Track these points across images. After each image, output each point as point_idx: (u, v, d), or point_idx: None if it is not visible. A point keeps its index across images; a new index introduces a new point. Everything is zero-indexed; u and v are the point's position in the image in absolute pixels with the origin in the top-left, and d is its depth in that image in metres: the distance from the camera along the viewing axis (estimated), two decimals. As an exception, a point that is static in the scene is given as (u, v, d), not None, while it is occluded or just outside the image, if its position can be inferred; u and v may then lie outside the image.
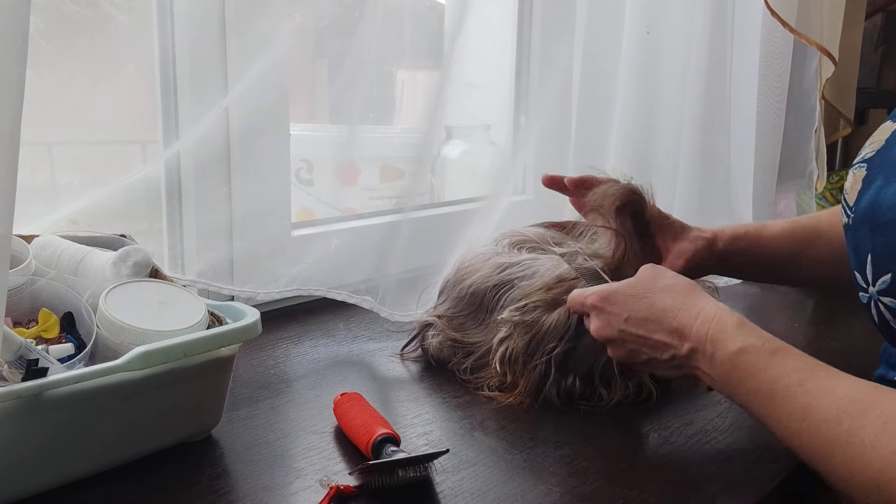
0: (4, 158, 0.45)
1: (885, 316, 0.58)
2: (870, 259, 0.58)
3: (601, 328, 0.67)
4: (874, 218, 0.57)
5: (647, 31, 1.22)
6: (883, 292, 0.57)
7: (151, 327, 0.60)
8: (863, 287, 0.60)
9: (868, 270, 0.58)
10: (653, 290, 0.64)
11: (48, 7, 0.81)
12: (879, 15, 1.73)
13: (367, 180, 1.24)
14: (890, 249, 0.55)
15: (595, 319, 0.67)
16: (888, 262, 0.56)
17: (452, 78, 1.05)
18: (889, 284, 0.56)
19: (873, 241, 0.57)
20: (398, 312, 0.98)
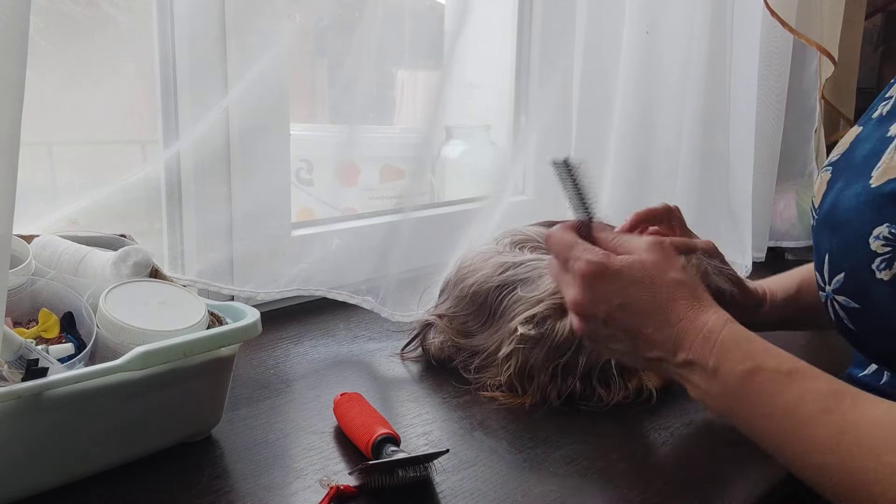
0: (4, 158, 0.45)
1: (839, 314, 0.59)
2: (827, 258, 0.58)
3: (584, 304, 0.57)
4: (833, 218, 0.57)
5: (646, 31, 1.22)
6: (837, 291, 0.58)
7: (151, 327, 0.60)
8: (821, 286, 0.60)
9: (825, 269, 0.59)
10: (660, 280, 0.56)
11: (48, 7, 0.81)
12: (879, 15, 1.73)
13: (367, 180, 1.24)
14: (844, 249, 0.56)
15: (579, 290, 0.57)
16: (842, 261, 0.56)
17: (452, 78, 1.05)
18: (842, 283, 0.57)
19: (830, 241, 0.58)
20: (399, 313, 0.98)
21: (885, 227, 0.52)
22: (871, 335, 0.57)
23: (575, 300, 0.58)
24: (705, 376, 0.53)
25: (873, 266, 0.53)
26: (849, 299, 0.57)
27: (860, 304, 0.56)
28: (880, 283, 0.53)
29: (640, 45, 1.23)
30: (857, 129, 0.64)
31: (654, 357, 0.56)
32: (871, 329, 0.57)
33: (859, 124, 0.65)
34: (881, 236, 0.53)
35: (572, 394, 0.74)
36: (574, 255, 0.58)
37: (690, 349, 0.54)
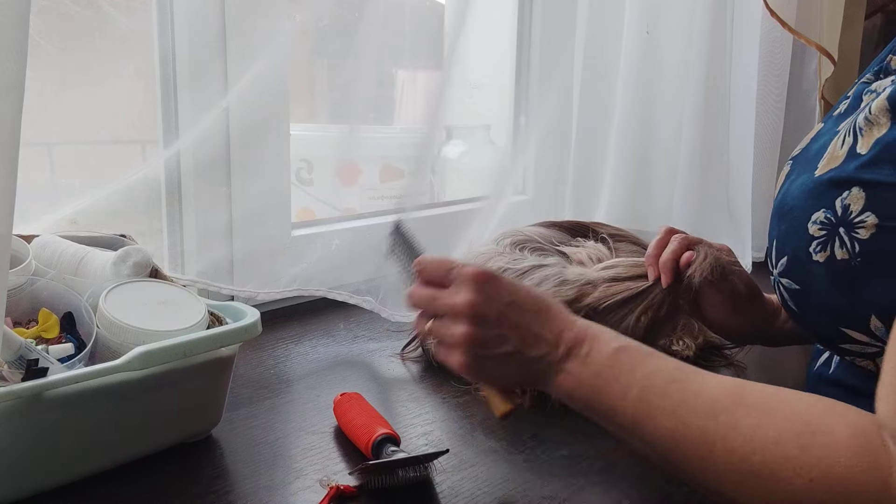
0: (4, 158, 0.45)
1: (783, 295, 0.62)
2: (774, 244, 0.62)
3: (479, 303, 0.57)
4: (782, 207, 0.62)
5: (646, 31, 1.22)
6: (781, 274, 0.61)
7: (151, 327, 0.60)
8: (770, 270, 0.64)
9: (773, 254, 0.63)
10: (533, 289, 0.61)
11: (48, 7, 0.81)
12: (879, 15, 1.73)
13: (367, 180, 1.24)
14: (788, 234, 0.59)
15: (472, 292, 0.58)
16: (786, 245, 0.60)
17: (453, 78, 1.05)
18: (785, 266, 0.60)
19: (778, 228, 0.62)
20: (399, 313, 0.98)
21: (822, 212, 0.56)
22: (810, 315, 0.61)
23: (469, 301, 0.58)
24: (579, 362, 0.56)
25: (810, 249, 0.57)
26: (791, 281, 0.60)
27: (800, 285, 0.59)
28: (816, 265, 0.57)
29: (640, 46, 1.23)
30: (819, 126, 0.68)
31: (537, 355, 0.57)
32: (810, 309, 0.60)
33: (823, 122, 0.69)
34: (818, 221, 0.57)
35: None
36: (458, 267, 0.59)
37: (570, 340, 0.56)
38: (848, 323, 0.57)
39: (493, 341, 0.58)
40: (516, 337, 0.58)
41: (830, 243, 0.56)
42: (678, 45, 1.25)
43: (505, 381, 0.61)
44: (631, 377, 0.53)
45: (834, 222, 0.55)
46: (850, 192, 0.55)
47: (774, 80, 1.36)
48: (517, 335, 0.58)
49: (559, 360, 0.56)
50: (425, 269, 0.61)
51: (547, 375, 0.57)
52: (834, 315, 0.57)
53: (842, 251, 0.55)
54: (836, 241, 0.55)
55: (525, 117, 1.33)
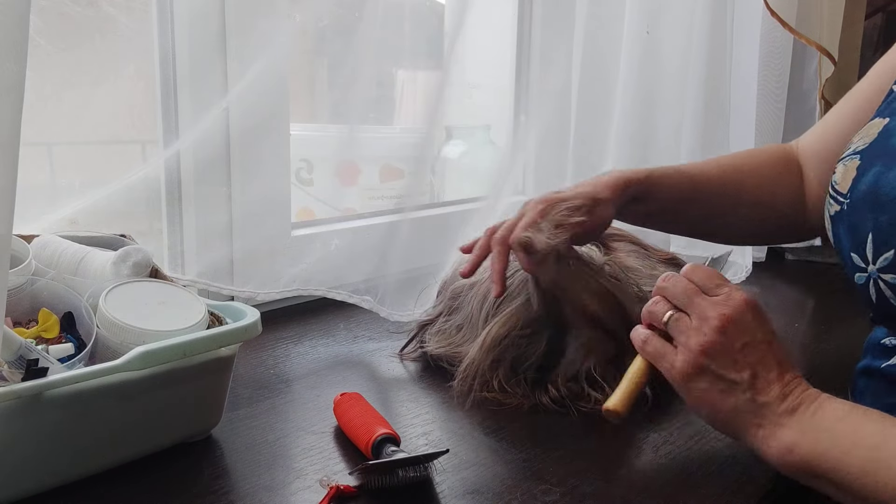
0: (4, 158, 0.45)
1: (884, 293, 0.59)
2: (870, 238, 0.59)
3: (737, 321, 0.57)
4: (876, 198, 0.58)
5: (646, 31, 1.22)
6: (884, 269, 0.58)
7: (151, 327, 0.60)
8: (860, 268, 0.61)
9: (868, 249, 0.59)
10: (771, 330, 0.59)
11: (48, 7, 0.81)
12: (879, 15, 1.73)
13: (367, 180, 1.24)
14: (893, 226, 0.56)
15: (737, 309, 0.58)
16: (891, 238, 0.56)
17: (452, 78, 1.05)
18: (891, 261, 0.57)
19: (875, 221, 0.58)
20: (397, 312, 0.98)
21: None
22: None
23: (730, 316, 0.58)
24: (805, 418, 0.54)
25: None
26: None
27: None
28: None
29: (641, 45, 1.23)
30: (882, 121, 0.65)
31: (761, 400, 0.56)
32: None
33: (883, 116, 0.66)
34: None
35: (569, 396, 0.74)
36: (731, 286, 0.60)
37: (799, 398, 0.55)
38: None
39: (727, 363, 0.57)
40: (751, 373, 0.56)
41: None
42: (678, 45, 1.25)
43: (712, 408, 0.58)
44: (864, 431, 0.52)
45: None
46: None
47: (774, 80, 1.36)
48: (752, 371, 0.56)
49: (782, 413, 0.55)
50: (695, 271, 0.61)
51: (761, 426, 0.56)
52: None
53: None
54: None
55: (525, 117, 1.32)
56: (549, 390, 0.74)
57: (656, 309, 0.62)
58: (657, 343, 0.61)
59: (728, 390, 0.57)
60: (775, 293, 1.22)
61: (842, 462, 0.51)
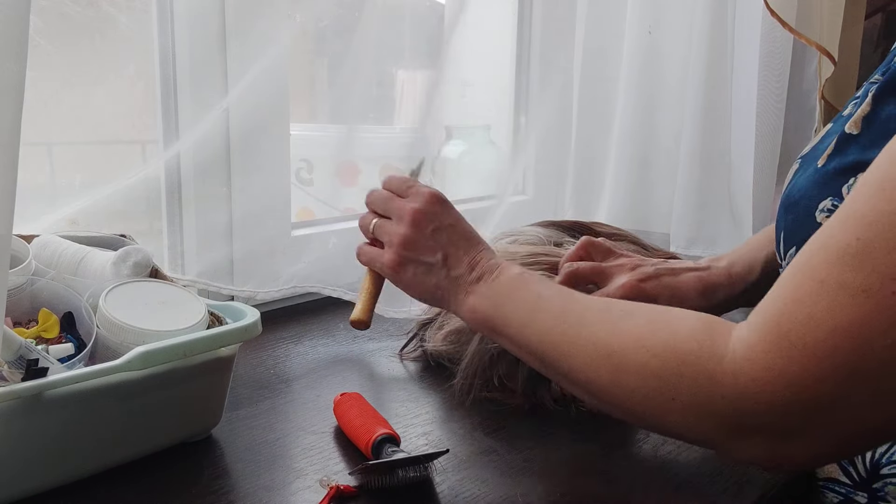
0: (4, 158, 0.45)
1: None
2: (782, 236, 0.63)
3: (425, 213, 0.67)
4: (788, 200, 0.63)
5: (648, 31, 1.22)
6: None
7: (151, 327, 0.60)
8: (780, 264, 0.64)
9: (781, 247, 0.63)
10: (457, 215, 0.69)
11: (48, 7, 0.81)
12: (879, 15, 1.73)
13: (367, 180, 1.24)
14: (796, 225, 0.60)
15: (425, 203, 0.67)
16: (794, 236, 0.61)
17: (452, 78, 1.05)
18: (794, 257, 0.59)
19: (785, 220, 0.63)
20: (395, 310, 0.99)
21: (829, 200, 0.57)
22: None
23: (417, 209, 0.67)
24: (486, 285, 0.64)
25: None
26: None
27: None
28: None
29: (641, 46, 1.23)
30: (828, 126, 0.69)
31: (454, 274, 0.66)
32: None
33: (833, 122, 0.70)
34: (825, 209, 0.57)
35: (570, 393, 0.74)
36: (418, 185, 0.70)
37: (485, 267, 0.65)
38: None
39: (423, 249, 0.67)
40: (443, 253, 0.66)
41: None
42: (678, 45, 1.25)
43: (419, 289, 0.68)
44: (527, 291, 0.61)
45: None
46: (857, 177, 0.55)
47: (774, 81, 1.36)
48: (444, 252, 0.66)
49: (470, 282, 0.65)
50: (390, 180, 0.71)
51: (457, 294, 0.65)
52: None
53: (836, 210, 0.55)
54: None
55: (525, 117, 1.33)
56: (551, 388, 0.74)
57: (364, 221, 0.72)
58: (367, 249, 0.71)
59: (428, 272, 0.67)
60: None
61: (508, 317, 0.61)
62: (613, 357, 0.52)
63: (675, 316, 0.53)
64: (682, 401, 0.48)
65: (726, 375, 0.46)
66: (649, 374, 0.50)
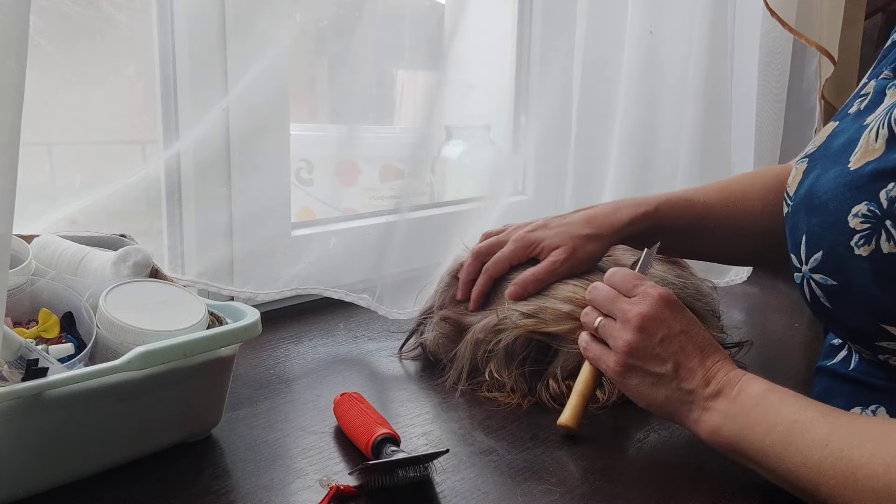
0: (4, 158, 0.45)
1: (815, 293, 0.61)
2: (804, 239, 0.61)
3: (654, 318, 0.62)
4: (810, 202, 0.61)
5: (650, 31, 1.22)
6: (815, 269, 0.60)
7: (151, 327, 0.60)
8: (797, 267, 0.63)
9: (802, 251, 0.62)
10: (706, 331, 0.64)
11: (48, 7, 0.81)
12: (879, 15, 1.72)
13: (367, 180, 1.24)
14: (823, 229, 0.59)
15: (652, 307, 0.63)
16: (821, 240, 0.59)
17: (452, 78, 1.05)
18: (820, 261, 0.59)
19: (808, 223, 0.61)
20: (395, 310, 0.99)
21: (864, 205, 0.55)
22: (846, 311, 0.59)
23: (646, 314, 0.63)
24: (727, 401, 0.59)
25: (852, 243, 0.56)
26: (826, 277, 0.59)
27: (838, 280, 0.58)
28: (859, 259, 0.55)
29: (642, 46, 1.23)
30: (833, 125, 0.67)
31: (687, 388, 0.61)
32: (848, 305, 0.59)
33: (835, 120, 0.68)
34: (860, 214, 0.55)
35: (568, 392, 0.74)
36: (646, 284, 0.65)
37: (722, 382, 0.60)
38: (890, 319, 0.56)
39: (651, 358, 0.62)
40: (673, 363, 0.61)
41: (876, 236, 0.54)
42: (678, 45, 1.25)
43: (648, 400, 0.63)
44: (778, 414, 0.55)
45: (879, 215, 0.54)
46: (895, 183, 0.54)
47: (774, 80, 1.36)
48: (674, 362, 0.61)
49: (707, 398, 0.59)
50: (615, 276, 0.67)
51: (691, 410, 0.60)
52: (875, 311, 0.56)
53: (889, 244, 0.54)
54: (883, 233, 0.54)
55: (525, 117, 1.32)
56: (550, 386, 0.74)
57: (588, 318, 0.68)
58: (595, 347, 0.67)
59: (657, 382, 0.62)
60: (775, 293, 1.22)
61: (759, 444, 0.56)
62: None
63: None
64: None
65: None
66: None
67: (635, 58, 1.23)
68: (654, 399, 0.63)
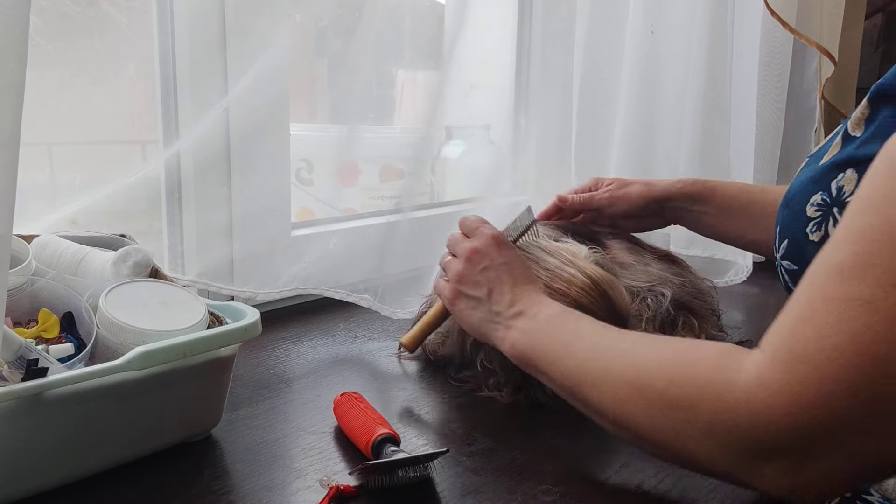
0: (4, 158, 0.45)
1: (785, 278, 0.64)
2: (778, 230, 0.65)
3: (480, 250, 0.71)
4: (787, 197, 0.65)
5: (651, 30, 1.22)
6: (783, 256, 0.63)
7: (151, 327, 0.60)
8: (775, 256, 0.66)
9: (776, 240, 0.65)
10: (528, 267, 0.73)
11: (48, 7, 0.81)
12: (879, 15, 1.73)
13: (367, 180, 1.24)
14: (790, 220, 0.62)
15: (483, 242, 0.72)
16: (788, 230, 0.62)
17: (452, 78, 1.05)
18: (786, 249, 0.63)
19: (783, 215, 0.64)
20: (399, 310, 0.99)
21: (819, 194, 0.59)
22: None
23: (472, 247, 0.72)
24: (526, 320, 0.66)
25: (807, 230, 0.59)
26: (791, 263, 0.63)
27: (798, 265, 0.61)
28: (812, 245, 0.58)
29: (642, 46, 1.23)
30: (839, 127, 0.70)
31: (496, 309, 0.69)
32: None
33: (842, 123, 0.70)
34: (815, 203, 0.59)
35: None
36: (484, 226, 0.74)
37: (525, 305, 0.67)
38: None
39: (472, 284, 0.71)
40: (488, 288, 0.70)
41: (825, 223, 0.57)
42: (679, 45, 1.25)
43: (468, 323, 0.72)
44: (564, 328, 0.63)
45: (829, 202, 0.57)
46: (845, 173, 0.56)
47: (774, 80, 1.36)
48: (489, 287, 0.70)
49: (510, 317, 0.67)
50: (464, 222, 0.77)
51: (496, 329, 0.68)
52: None
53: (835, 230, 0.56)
54: (830, 220, 0.57)
55: (525, 117, 1.32)
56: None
57: (442, 259, 0.77)
58: (440, 282, 0.76)
59: (476, 306, 0.71)
60: (775, 293, 1.22)
61: (544, 352, 0.63)
62: (636, 384, 0.53)
63: (699, 346, 0.55)
64: (701, 428, 0.48)
65: (740, 401, 0.46)
66: (668, 401, 0.50)
67: (636, 58, 1.23)
68: (472, 321, 0.71)
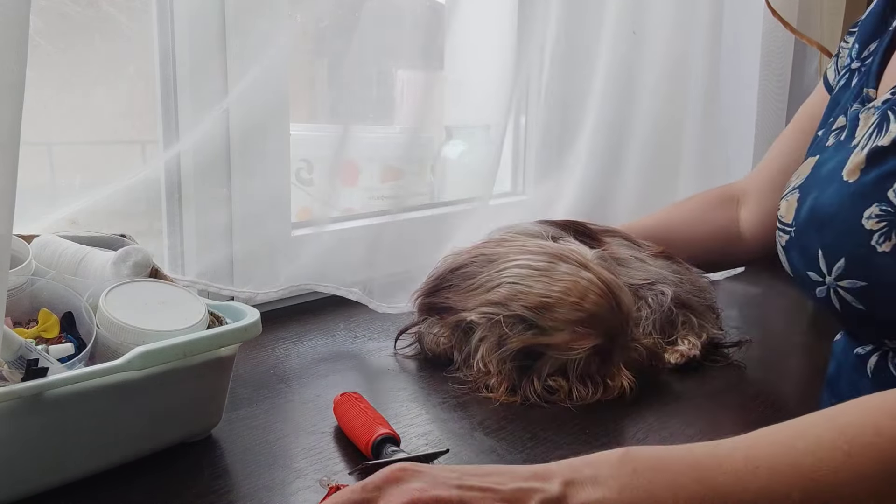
0: (4, 158, 0.45)
1: (845, 299, 0.63)
2: (821, 254, 0.64)
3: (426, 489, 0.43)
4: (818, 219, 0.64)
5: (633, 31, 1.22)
6: (839, 277, 0.62)
7: (151, 327, 0.60)
8: (819, 282, 0.65)
9: (822, 264, 0.64)
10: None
11: (48, 7, 0.81)
12: (879, 15, 1.72)
13: (367, 180, 1.24)
14: (839, 238, 0.61)
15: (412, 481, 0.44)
16: (839, 249, 0.61)
17: (452, 78, 1.05)
18: (844, 268, 0.61)
19: (821, 238, 0.63)
20: (384, 304, 0.99)
21: (875, 206, 0.58)
22: (882, 308, 0.61)
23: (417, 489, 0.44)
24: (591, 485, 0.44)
25: (872, 242, 0.58)
26: (854, 280, 0.61)
27: (867, 280, 0.60)
28: (883, 256, 0.58)
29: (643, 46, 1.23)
30: (814, 159, 0.72)
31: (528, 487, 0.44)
32: (882, 301, 0.61)
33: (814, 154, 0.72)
34: (873, 215, 0.58)
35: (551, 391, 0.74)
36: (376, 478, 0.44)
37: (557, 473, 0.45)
38: None
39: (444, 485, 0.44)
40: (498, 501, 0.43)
41: (893, 231, 0.57)
42: (679, 45, 1.25)
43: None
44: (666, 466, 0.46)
45: (892, 211, 0.57)
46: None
47: (775, 80, 1.36)
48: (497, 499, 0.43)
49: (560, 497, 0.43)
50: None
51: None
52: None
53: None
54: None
55: (525, 117, 1.33)
56: (534, 382, 0.74)
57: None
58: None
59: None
60: (775, 293, 1.22)
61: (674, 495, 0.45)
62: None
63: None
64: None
65: None
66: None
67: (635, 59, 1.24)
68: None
